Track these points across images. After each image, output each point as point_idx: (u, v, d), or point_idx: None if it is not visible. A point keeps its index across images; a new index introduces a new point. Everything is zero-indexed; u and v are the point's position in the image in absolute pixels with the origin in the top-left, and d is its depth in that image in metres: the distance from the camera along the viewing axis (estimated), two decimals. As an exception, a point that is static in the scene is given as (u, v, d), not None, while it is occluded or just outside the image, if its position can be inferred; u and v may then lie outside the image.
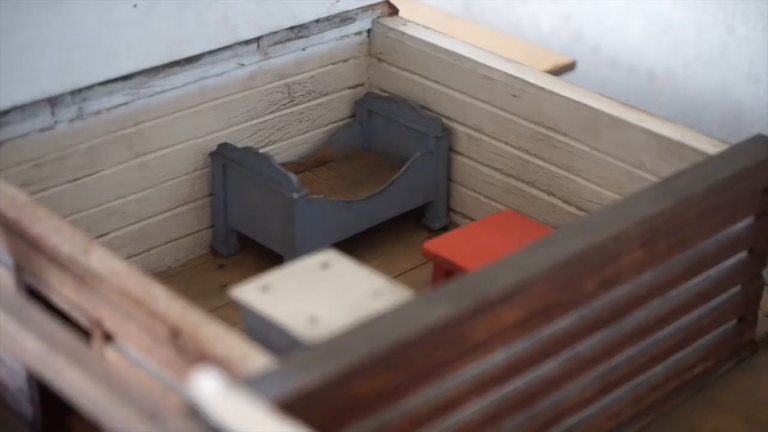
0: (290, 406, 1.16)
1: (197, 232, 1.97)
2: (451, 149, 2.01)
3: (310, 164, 2.06)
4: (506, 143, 1.94)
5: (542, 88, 1.87)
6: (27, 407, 1.57)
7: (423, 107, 2.02)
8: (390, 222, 2.00)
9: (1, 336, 1.25)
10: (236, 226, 1.94)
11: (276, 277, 1.44)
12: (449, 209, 2.05)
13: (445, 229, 2.03)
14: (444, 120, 2.00)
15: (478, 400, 1.39)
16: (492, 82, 1.93)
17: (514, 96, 1.90)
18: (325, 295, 1.40)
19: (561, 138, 1.86)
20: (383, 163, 2.07)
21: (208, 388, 1.08)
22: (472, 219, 2.01)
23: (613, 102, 1.83)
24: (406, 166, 1.97)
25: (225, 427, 1.08)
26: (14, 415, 1.59)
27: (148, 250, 1.92)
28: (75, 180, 1.80)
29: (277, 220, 1.86)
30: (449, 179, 2.03)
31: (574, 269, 1.43)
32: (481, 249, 1.71)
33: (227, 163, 1.90)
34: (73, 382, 1.17)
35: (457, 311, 1.32)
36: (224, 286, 1.89)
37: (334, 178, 2.04)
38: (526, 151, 1.91)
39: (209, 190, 1.95)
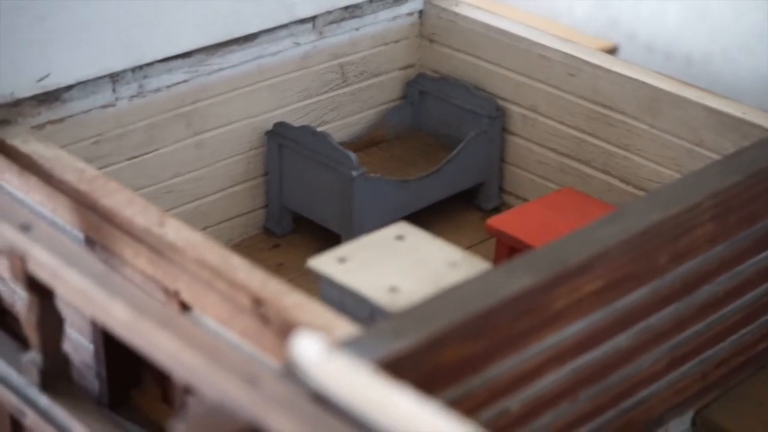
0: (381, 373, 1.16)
1: (251, 211, 1.97)
2: (504, 129, 2.00)
3: (361, 145, 2.06)
4: (561, 123, 1.94)
5: (599, 67, 1.87)
6: (93, 382, 1.57)
7: (476, 87, 2.02)
8: (442, 203, 2.00)
9: (89, 305, 1.25)
10: (291, 205, 1.94)
11: (351, 248, 1.44)
12: (502, 190, 2.05)
13: (497, 209, 2.03)
14: (498, 100, 2.00)
15: (556, 370, 1.39)
16: (548, 61, 1.93)
17: (571, 75, 1.90)
18: (403, 266, 1.40)
19: (618, 116, 1.86)
20: (434, 144, 2.07)
21: (308, 350, 1.08)
22: (525, 200, 2.01)
23: (672, 79, 1.83)
24: (460, 146, 1.96)
25: (326, 390, 1.08)
26: (81, 390, 1.59)
27: (202, 229, 1.92)
28: (134, 158, 1.80)
29: (335, 198, 1.86)
30: (502, 160, 2.02)
31: (649, 241, 1.42)
32: (545, 226, 1.71)
33: (283, 142, 1.90)
34: (166, 348, 1.16)
35: (537, 281, 1.32)
36: (280, 266, 1.89)
37: (386, 158, 2.04)
38: (582, 131, 1.91)
39: (264, 169, 1.95)
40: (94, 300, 1.24)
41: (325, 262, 1.42)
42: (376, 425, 1.05)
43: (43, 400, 1.39)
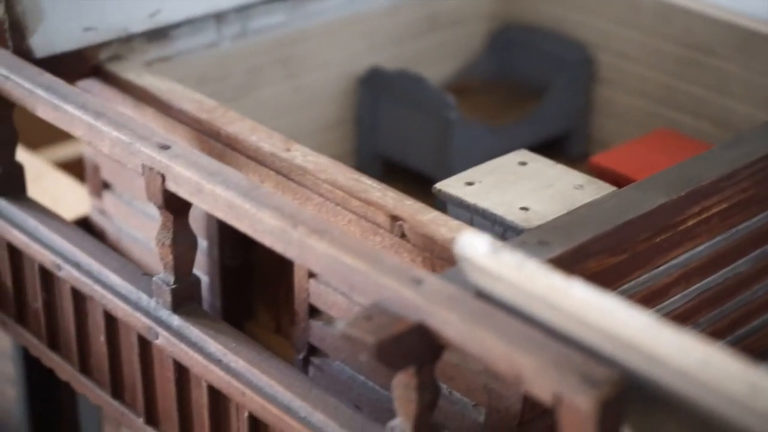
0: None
1: (342, 157, 1.97)
2: (593, 76, 2.01)
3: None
4: (652, 68, 1.95)
5: (691, 10, 1.88)
6: (207, 314, 1.58)
7: (564, 35, 2.03)
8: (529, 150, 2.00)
9: (236, 216, 1.26)
10: (384, 151, 1.95)
11: (477, 172, 1.45)
12: (589, 138, 2.06)
13: (584, 156, 2.04)
14: (586, 47, 2.01)
15: (683, 291, 1.40)
16: (637, 6, 1.94)
17: (661, 19, 1.91)
18: (530, 189, 1.41)
19: (712, 60, 1.87)
20: (520, 92, 2.08)
21: (477, 247, 1.09)
22: (613, 147, 2.02)
23: (765, 21, 1.83)
24: (549, 93, 1.97)
25: (494, 285, 1.09)
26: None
27: (294, 175, 1.93)
28: (234, 99, 1.81)
29: (431, 142, 1.87)
30: (590, 108, 2.03)
31: (773, 165, 1.44)
32: (648, 162, 1.72)
33: (378, 87, 1.91)
34: (325, 254, 1.17)
35: (671, 198, 1.34)
36: (373, 210, 1.90)
37: (472, 107, 2.05)
38: (674, 76, 1.92)
39: (355, 115, 1.96)
40: (242, 210, 1.25)
41: (453, 186, 1.43)
42: (545, 317, 1.06)
43: (176, 320, 1.40)
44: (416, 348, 1.12)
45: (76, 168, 2.02)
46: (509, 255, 1.08)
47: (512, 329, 1.06)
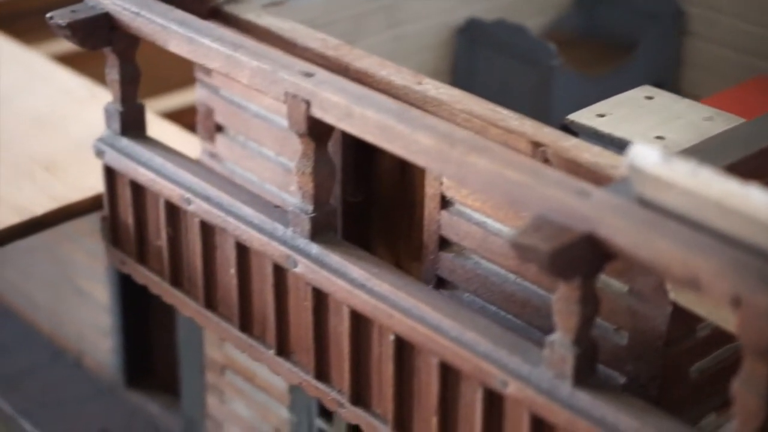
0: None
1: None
2: (683, 30, 2.03)
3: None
4: (746, 20, 1.96)
5: (790, -42, 1.90)
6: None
7: (654, -12, 2.05)
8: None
9: (389, 138, 1.28)
10: (481, 101, 1.97)
11: (607, 105, 1.47)
12: (680, 92, 2.08)
13: (674, 110, 2.06)
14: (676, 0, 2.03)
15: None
16: (731, -45, 1.96)
17: (757, -32, 1.93)
18: (661, 120, 1.43)
19: (811, 9, 1.89)
20: (609, 45, 2.10)
21: (648, 157, 1.11)
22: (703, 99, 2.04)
23: None
24: (638, 46, 2.00)
25: (660, 196, 1.12)
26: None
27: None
28: (338, 47, 1.83)
29: (529, 91, 1.89)
30: (681, 61, 2.05)
31: None
32: (756, 105, 1.74)
33: (476, 38, 1.93)
34: (486, 170, 1.19)
35: (808, 126, 1.36)
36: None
37: (564, 59, 2.06)
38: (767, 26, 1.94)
39: (452, 67, 1.98)
40: (395, 132, 1.27)
41: (585, 116, 1.45)
42: (718, 223, 1.08)
43: (314, 248, 1.41)
44: (584, 258, 1.14)
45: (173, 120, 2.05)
46: (682, 163, 1.10)
47: (686, 235, 1.08)
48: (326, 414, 1.74)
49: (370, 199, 1.61)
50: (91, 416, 2.08)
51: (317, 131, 1.37)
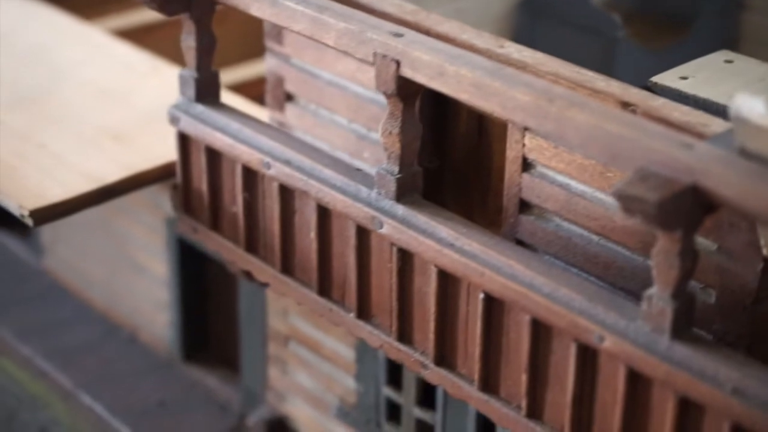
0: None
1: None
2: (742, 4, 2.04)
3: (593, 24, 2.10)
4: (805, -6, 1.98)
5: None
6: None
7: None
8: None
9: (485, 96, 1.29)
10: (540, 74, 1.98)
11: (688, 68, 1.48)
12: (736, 65, 2.08)
13: (731, 84, 2.07)
14: (734, -25, 2.04)
15: None
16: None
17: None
18: (742, 82, 1.44)
19: None
20: (665, 22, 2.10)
21: (754, 108, 1.12)
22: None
23: None
24: (697, 20, 2.00)
25: (765, 148, 1.12)
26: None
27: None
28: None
29: (591, 62, 1.89)
30: (740, 36, 2.06)
31: None
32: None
33: (536, 9, 1.94)
34: (579, 124, 1.20)
35: None
36: (531, 132, 1.92)
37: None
38: (828, 0, 1.95)
39: (513, 37, 1.98)
40: (491, 89, 1.28)
41: (668, 79, 1.46)
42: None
43: (400, 209, 1.42)
44: (688, 209, 1.15)
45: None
46: (789, 114, 1.11)
47: (794, 184, 1.09)
48: (395, 382, 1.75)
49: (445, 165, 1.62)
50: (149, 390, 2.08)
51: (406, 91, 1.38)
